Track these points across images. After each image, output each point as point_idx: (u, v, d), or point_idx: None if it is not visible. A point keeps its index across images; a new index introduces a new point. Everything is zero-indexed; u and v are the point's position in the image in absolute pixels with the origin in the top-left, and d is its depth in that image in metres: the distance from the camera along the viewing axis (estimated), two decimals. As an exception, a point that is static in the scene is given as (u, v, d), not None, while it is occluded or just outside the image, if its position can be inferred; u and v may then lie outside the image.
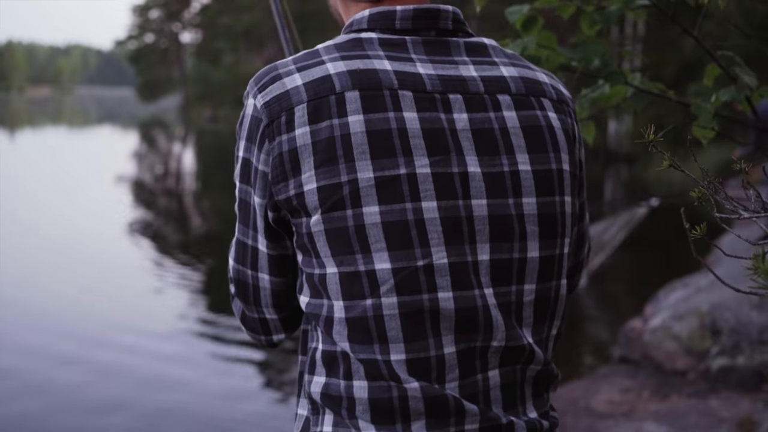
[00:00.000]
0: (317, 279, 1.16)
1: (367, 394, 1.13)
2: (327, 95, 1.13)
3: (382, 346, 1.12)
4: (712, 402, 5.12)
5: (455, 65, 1.20)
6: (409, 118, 1.14)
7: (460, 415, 1.14)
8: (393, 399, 1.13)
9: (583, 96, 1.90)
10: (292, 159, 1.13)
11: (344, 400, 1.15)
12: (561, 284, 1.25)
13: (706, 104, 1.77)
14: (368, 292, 1.12)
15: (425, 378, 1.13)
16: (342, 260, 1.12)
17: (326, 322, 1.15)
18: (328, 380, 1.17)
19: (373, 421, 1.13)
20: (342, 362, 1.15)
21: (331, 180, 1.11)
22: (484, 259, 1.16)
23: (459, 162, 1.15)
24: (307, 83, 1.15)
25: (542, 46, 1.84)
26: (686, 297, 6.34)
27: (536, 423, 1.20)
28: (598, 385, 5.65)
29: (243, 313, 1.31)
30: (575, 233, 1.34)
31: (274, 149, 1.15)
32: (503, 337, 1.17)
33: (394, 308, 1.12)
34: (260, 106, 1.16)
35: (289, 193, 1.14)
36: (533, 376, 1.22)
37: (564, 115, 1.26)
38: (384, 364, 1.12)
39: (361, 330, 1.13)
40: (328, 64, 1.16)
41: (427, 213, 1.13)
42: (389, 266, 1.11)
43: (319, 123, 1.12)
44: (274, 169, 1.15)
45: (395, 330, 1.12)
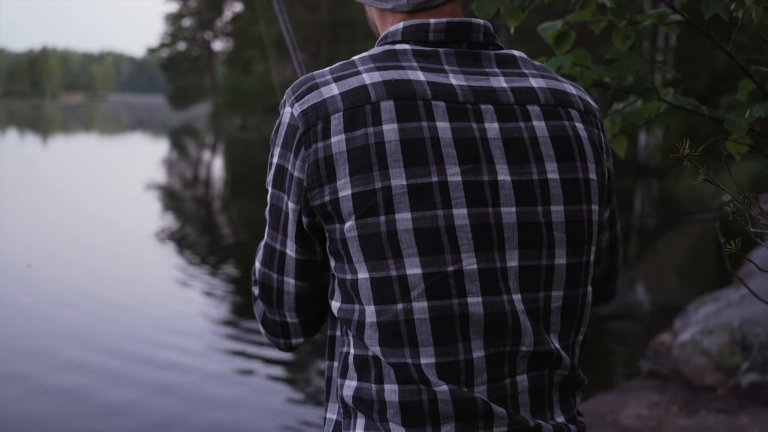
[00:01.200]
0: (349, 284, 1.18)
1: (398, 398, 1.16)
2: (363, 105, 1.17)
3: (413, 350, 1.15)
4: (742, 418, 5.07)
5: (486, 77, 1.23)
6: (441, 127, 1.17)
7: (489, 419, 1.16)
8: (423, 402, 1.15)
9: (614, 111, 1.91)
10: (328, 166, 1.16)
11: (375, 404, 1.17)
12: (587, 291, 1.27)
13: (739, 120, 1.77)
14: (399, 296, 1.15)
15: (454, 381, 1.15)
16: (374, 265, 1.15)
17: (358, 327, 1.18)
18: (359, 384, 1.19)
19: (403, 424, 1.16)
20: (373, 366, 1.18)
21: (366, 187, 1.15)
22: (513, 265, 1.19)
23: (489, 170, 1.18)
24: (343, 93, 1.18)
25: (577, 64, 1.85)
26: (716, 312, 6.29)
27: (564, 427, 1.23)
28: (626, 399, 5.61)
29: (264, 316, 1.34)
30: (607, 240, 1.39)
31: (310, 156, 1.18)
32: (531, 342, 1.19)
33: (424, 312, 1.15)
34: (297, 114, 1.20)
35: (324, 199, 1.17)
36: (560, 381, 1.24)
37: (591, 126, 1.29)
38: (414, 367, 1.15)
39: (392, 334, 1.15)
40: (364, 75, 1.20)
41: (457, 220, 1.16)
42: (420, 271, 1.15)
43: (354, 131, 1.16)
44: (309, 175, 1.18)
45: (425, 334, 1.15)
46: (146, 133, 52.28)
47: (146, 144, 41.94)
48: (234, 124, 56.34)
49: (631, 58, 1.81)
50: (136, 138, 47.12)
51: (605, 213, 1.34)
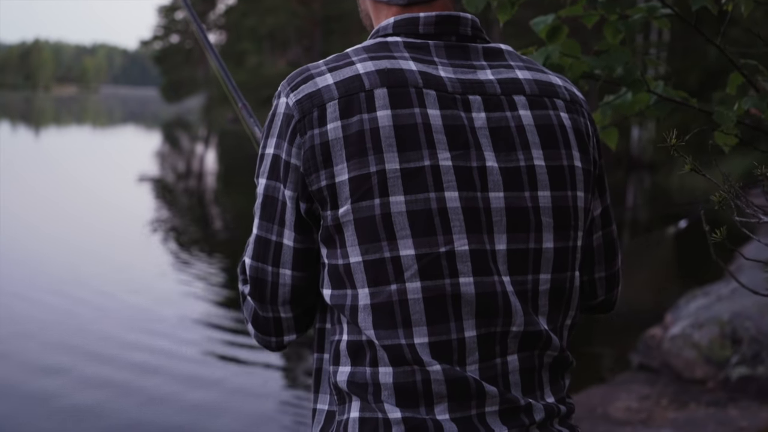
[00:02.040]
0: (342, 269, 1.20)
1: (392, 379, 1.18)
2: (357, 92, 1.20)
3: (406, 330, 1.17)
4: (731, 411, 5.11)
5: (474, 69, 1.27)
6: (432, 114, 1.20)
7: (481, 397, 1.19)
8: (417, 383, 1.17)
9: (605, 103, 1.92)
10: (324, 151, 1.19)
11: (370, 386, 1.20)
12: (575, 276, 1.30)
13: (728, 112, 1.79)
14: (393, 277, 1.17)
15: (447, 360, 1.18)
16: (368, 248, 1.18)
17: (351, 311, 1.20)
18: (353, 369, 1.21)
19: (398, 405, 1.18)
20: (368, 350, 1.20)
21: (361, 171, 1.17)
22: (502, 248, 1.22)
23: (478, 157, 1.22)
24: (338, 82, 1.21)
25: (566, 54, 1.86)
26: (707, 305, 6.32)
27: (554, 407, 1.25)
28: (617, 392, 5.64)
29: (255, 314, 1.34)
30: (601, 238, 1.40)
31: (306, 143, 1.20)
32: (522, 322, 1.22)
33: (418, 293, 1.17)
34: (292, 104, 1.22)
35: (321, 184, 1.19)
36: (550, 363, 1.27)
37: (577, 115, 1.32)
38: (408, 347, 1.17)
39: (386, 315, 1.18)
40: (357, 65, 1.23)
41: (449, 202, 1.19)
42: (413, 252, 1.17)
43: (350, 118, 1.19)
44: (306, 161, 1.20)
45: (419, 314, 1.17)
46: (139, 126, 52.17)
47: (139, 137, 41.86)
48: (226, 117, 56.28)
49: (620, 50, 1.82)
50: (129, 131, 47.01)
51: (593, 201, 1.36)
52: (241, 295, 1.36)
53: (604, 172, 1.39)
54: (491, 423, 1.19)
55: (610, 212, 1.42)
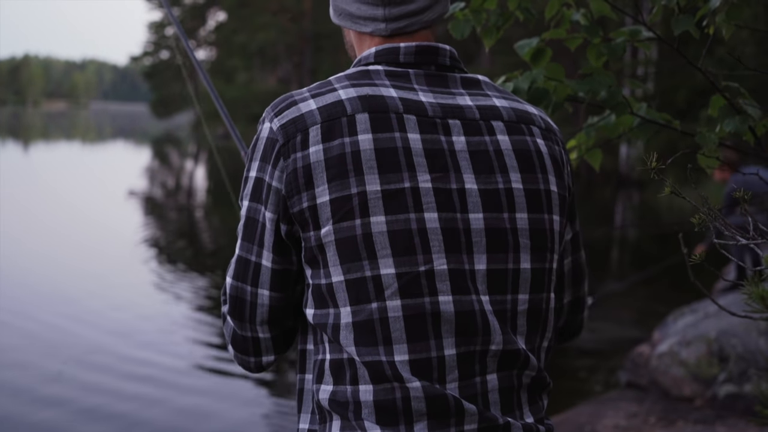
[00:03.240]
0: (324, 288, 1.23)
1: (372, 397, 1.20)
2: (339, 117, 1.24)
3: (387, 348, 1.20)
4: (719, 429, 5.12)
5: (453, 96, 1.32)
6: (412, 138, 1.24)
7: (460, 415, 1.21)
8: (396, 400, 1.20)
9: (589, 125, 1.95)
10: (306, 174, 1.22)
11: (351, 404, 1.22)
12: (551, 297, 1.33)
13: (710, 134, 1.81)
14: (374, 296, 1.20)
15: (427, 378, 1.20)
16: (349, 267, 1.20)
17: (333, 330, 1.22)
18: (335, 388, 1.24)
19: (378, 422, 1.20)
20: (348, 369, 1.22)
21: (342, 192, 1.20)
22: (481, 268, 1.25)
23: (457, 179, 1.25)
24: (320, 107, 1.25)
25: (550, 78, 1.88)
26: (694, 323, 6.34)
27: (533, 427, 1.27)
28: (605, 409, 5.65)
29: (234, 334, 1.36)
30: (570, 264, 1.44)
31: (289, 166, 1.23)
32: (500, 341, 1.24)
33: (398, 311, 1.20)
34: (276, 129, 1.26)
35: (303, 206, 1.22)
36: (528, 383, 1.29)
37: (551, 143, 1.36)
38: (388, 365, 1.19)
39: (367, 333, 1.20)
40: (340, 91, 1.27)
41: (429, 223, 1.22)
42: (393, 271, 1.20)
43: (331, 141, 1.22)
44: (288, 184, 1.23)
45: (399, 331, 1.20)
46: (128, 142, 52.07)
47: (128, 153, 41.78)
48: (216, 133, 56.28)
49: (603, 74, 1.84)
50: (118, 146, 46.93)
51: (567, 227, 1.39)
52: (222, 315, 1.38)
53: (575, 199, 1.42)
54: None
55: (580, 238, 1.46)
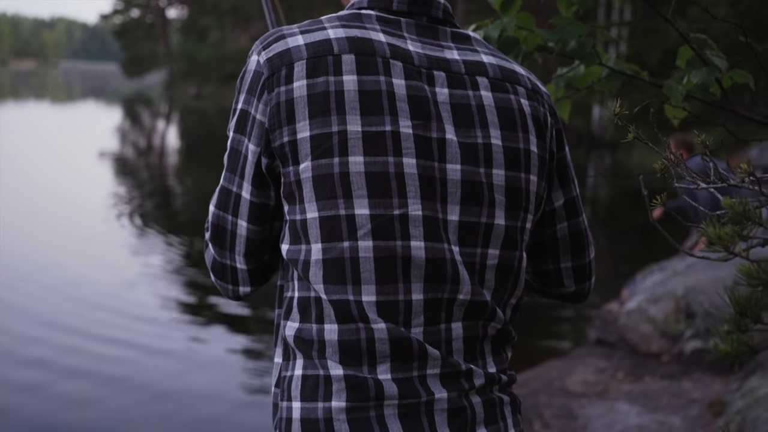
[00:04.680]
0: (299, 224, 1.24)
1: (337, 336, 1.21)
2: (325, 55, 1.24)
3: (355, 287, 1.20)
4: (685, 383, 5.22)
5: (441, 48, 1.32)
6: (397, 84, 1.25)
7: (423, 359, 1.22)
8: (361, 341, 1.20)
9: (558, 75, 1.95)
10: (288, 108, 1.23)
11: (315, 343, 1.23)
12: (522, 256, 1.33)
13: (677, 86, 1.82)
14: (346, 235, 1.21)
15: (393, 320, 1.21)
16: (324, 204, 1.21)
17: (303, 266, 1.23)
18: (301, 325, 1.24)
19: (341, 362, 1.21)
20: (314, 307, 1.23)
21: (323, 129, 1.21)
22: (454, 219, 1.25)
23: (438, 129, 1.25)
24: (308, 43, 1.26)
25: (521, 27, 1.88)
26: (663, 280, 6.43)
27: (494, 375, 1.28)
28: (574, 365, 5.73)
29: (214, 261, 1.38)
30: (566, 229, 1.43)
31: (272, 99, 1.24)
32: (469, 291, 1.25)
33: (369, 251, 1.21)
34: (263, 62, 1.26)
35: (283, 140, 1.23)
36: (493, 335, 1.30)
37: (537, 104, 1.36)
38: (355, 304, 1.20)
39: (336, 271, 1.21)
40: (329, 30, 1.27)
41: (406, 168, 1.22)
42: (368, 212, 1.21)
43: (316, 78, 1.23)
44: (271, 117, 1.24)
45: (368, 272, 1.20)
46: (99, 101, 51.46)
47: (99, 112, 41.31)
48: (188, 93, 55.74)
49: (573, 23, 1.84)
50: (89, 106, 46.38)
51: (550, 191, 1.40)
52: (204, 242, 1.40)
53: (568, 164, 1.42)
54: (431, 385, 1.22)
55: (577, 203, 1.44)
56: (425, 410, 1.21)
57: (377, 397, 1.19)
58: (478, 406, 1.25)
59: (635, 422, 4.61)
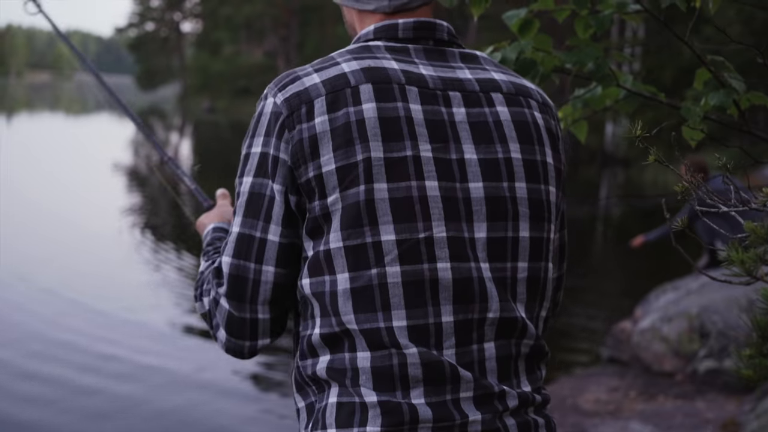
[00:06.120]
0: (322, 255, 1.24)
1: (370, 363, 1.22)
2: (343, 88, 1.26)
3: (385, 314, 1.21)
4: (698, 403, 5.18)
5: (452, 69, 1.34)
6: (414, 109, 1.27)
7: (456, 382, 1.22)
8: (393, 366, 1.21)
9: (576, 97, 1.96)
10: (312, 144, 1.24)
11: (348, 371, 1.23)
12: (548, 267, 1.35)
13: (695, 107, 1.82)
14: (374, 262, 1.22)
15: (424, 344, 1.22)
16: (350, 234, 1.22)
17: (331, 297, 1.23)
18: (332, 356, 1.25)
19: (375, 389, 1.21)
20: (345, 339, 1.23)
21: (348, 160, 1.22)
22: (482, 236, 1.27)
23: (457, 150, 1.27)
24: (324, 80, 1.28)
25: (538, 49, 1.89)
26: (676, 300, 6.40)
27: (529, 395, 1.29)
28: (586, 384, 5.70)
29: (230, 317, 1.33)
30: (558, 240, 1.44)
31: (294, 137, 1.25)
32: (497, 308, 1.26)
33: (397, 277, 1.22)
34: (280, 102, 1.28)
35: (309, 175, 1.24)
36: (527, 352, 1.31)
37: (548, 116, 1.39)
38: (386, 330, 1.21)
39: (366, 299, 1.22)
40: (343, 65, 1.29)
41: (429, 191, 1.24)
42: (394, 237, 1.22)
43: (336, 112, 1.25)
44: (294, 154, 1.25)
45: (398, 297, 1.21)
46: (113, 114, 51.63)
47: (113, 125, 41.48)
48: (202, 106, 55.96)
49: (590, 45, 1.85)
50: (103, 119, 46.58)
51: (562, 197, 1.41)
52: (212, 301, 1.35)
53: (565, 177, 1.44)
54: (465, 408, 1.22)
55: (565, 216, 1.47)
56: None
57: (411, 421, 1.20)
58: (513, 428, 1.26)
59: (648, 442, 4.58)
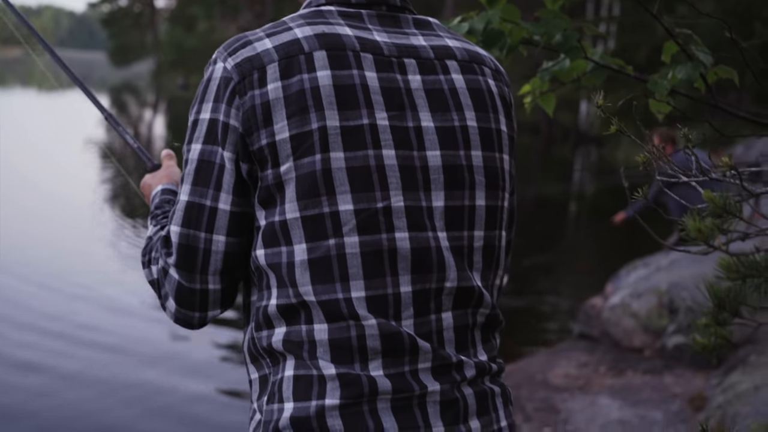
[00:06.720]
0: (278, 226, 1.21)
1: (327, 336, 1.20)
2: (296, 55, 1.23)
3: (344, 284, 1.20)
4: (666, 378, 5.24)
5: (406, 35, 1.33)
6: (369, 76, 1.25)
7: (414, 353, 1.22)
8: (351, 338, 1.20)
9: (543, 69, 1.95)
10: (265, 111, 1.21)
11: (305, 344, 1.21)
12: (503, 235, 1.35)
13: (662, 81, 1.83)
14: (331, 232, 1.20)
15: (383, 315, 1.21)
16: (306, 204, 1.20)
17: (288, 268, 1.21)
18: (289, 329, 1.23)
19: (332, 361, 1.20)
20: (301, 310, 1.21)
21: (303, 128, 1.20)
22: (439, 205, 1.26)
23: (413, 117, 1.26)
24: (277, 46, 1.24)
25: (506, 19, 1.88)
26: (646, 276, 6.46)
27: (485, 365, 1.29)
28: (556, 359, 5.75)
29: (179, 288, 1.30)
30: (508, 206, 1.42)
31: (245, 103, 1.22)
32: (455, 277, 1.26)
33: (355, 247, 1.20)
34: (231, 67, 1.24)
35: (261, 143, 1.21)
36: (483, 321, 1.31)
37: (501, 83, 1.38)
38: (345, 302, 1.20)
39: (324, 269, 1.20)
40: (295, 30, 1.26)
41: (386, 160, 1.22)
42: (351, 207, 1.20)
43: (290, 78, 1.21)
44: (245, 121, 1.22)
45: (356, 268, 1.20)
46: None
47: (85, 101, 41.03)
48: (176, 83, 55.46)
49: (559, 17, 1.85)
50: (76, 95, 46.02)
51: (514, 164, 1.41)
52: (161, 270, 1.32)
53: None
54: (424, 379, 1.22)
55: (514, 181, 1.45)
56: (418, 403, 1.21)
57: (371, 393, 1.19)
58: (470, 397, 1.26)
59: (617, 416, 4.64)
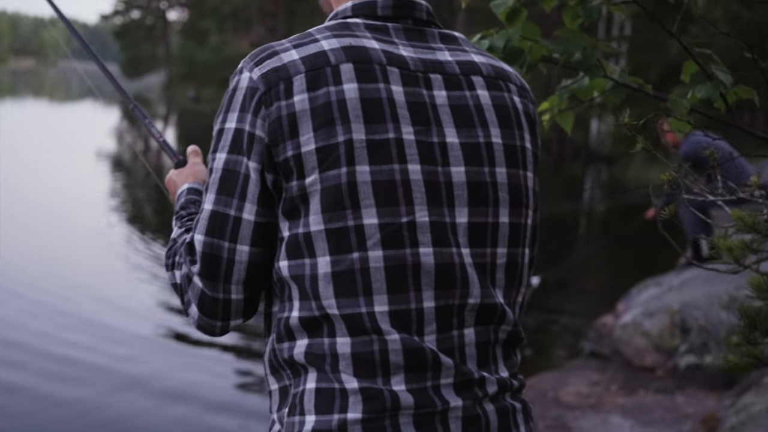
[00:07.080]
0: (302, 238, 1.21)
1: (350, 350, 1.20)
2: (323, 67, 1.23)
3: (367, 299, 1.20)
4: (678, 398, 5.21)
5: (432, 50, 1.32)
6: (396, 90, 1.24)
7: (437, 369, 1.21)
8: (374, 353, 1.19)
9: (562, 87, 1.95)
10: (291, 123, 1.21)
11: (328, 357, 1.21)
12: (525, 252, 1.35)
13: (681, 100, 1.82)
14: (356, 246, 1.20)
15: (406, 330, 1.20)
16: (331, 216, 1.20)
17: (311, 281, 1.21)
18: (311, 341, 1.22)
19: (355, 375, 1.20)
20: (324, 323, 1.21)
21: (329, 141, 1.20)
22: (463, 221, 1.25)
23: (438, 133, 1.26)
24: (303, 57, 1.24)
25: (526, 37, 1.88)
26: (658, 295, 6.42)
27: (507, 381, 1.29)
28: (568, 377, 5.72)
29: (202, 296, 1.29)
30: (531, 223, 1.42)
31: (272, 114, 1.22)
32: (478, 294, 1.25)
33: (379, 261, 1.20)
34: (257, 78, 1.24)
35: (287, 154, 1.21)
36: (504, 338, 1.31)
37: (526, 101, 1.38)
38: (368, 316, 1.19)
39: (347, 283, 1.20)
40: (322, 42, 1.26)
41: (412, 174, 1.22)
42: (376, 221, 1.20)
43: (316, 90, 1.21)
44: (271, 132, 1.22)
45: (380, 282, 1.20)
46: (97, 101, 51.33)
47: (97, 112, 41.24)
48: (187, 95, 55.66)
49: (578, 35, 1.84)
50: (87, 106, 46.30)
51: (538, 182, 1.41)
52: (184, 277, 1.31)
53: None
54: (446, 394, 1.22)
55: (538, 198, 1.44)
56: (440, 419, 1.21)
57: (393, 408, 1.19)
58: (492, 413, 1.26)
59: (628, 436, 4.60)
